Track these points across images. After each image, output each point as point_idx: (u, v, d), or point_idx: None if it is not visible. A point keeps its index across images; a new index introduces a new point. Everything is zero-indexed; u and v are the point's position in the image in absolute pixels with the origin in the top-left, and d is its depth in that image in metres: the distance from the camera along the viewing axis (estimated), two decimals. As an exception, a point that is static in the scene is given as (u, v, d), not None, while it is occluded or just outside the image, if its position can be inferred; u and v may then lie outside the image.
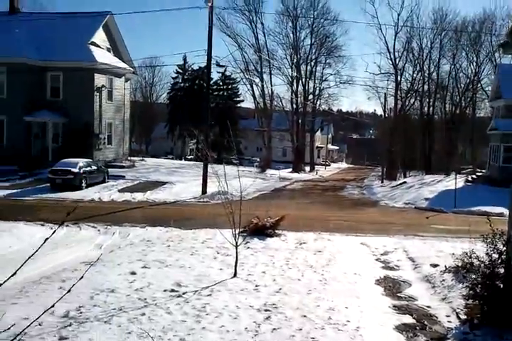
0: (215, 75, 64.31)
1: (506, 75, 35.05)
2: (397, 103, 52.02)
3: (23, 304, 7.92)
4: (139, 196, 24.91)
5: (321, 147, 73.36)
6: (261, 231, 14.10)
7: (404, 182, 39.03)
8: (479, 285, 8.34)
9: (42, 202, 22.32)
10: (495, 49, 48.59)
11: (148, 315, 7.47)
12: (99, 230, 15.99)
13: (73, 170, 25.33)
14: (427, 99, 52.24)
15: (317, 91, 56.45)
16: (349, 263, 11.66)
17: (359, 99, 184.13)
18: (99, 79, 31.87)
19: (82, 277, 3.44)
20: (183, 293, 8.68)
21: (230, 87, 61.62)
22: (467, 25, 49.40)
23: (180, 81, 63.09)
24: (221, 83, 61.84)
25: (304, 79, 54.69)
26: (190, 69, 62.22)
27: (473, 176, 36.67)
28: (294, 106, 55.91)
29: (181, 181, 30.44)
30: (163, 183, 29.44)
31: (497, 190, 31.15)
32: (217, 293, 8.66)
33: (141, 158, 39.40)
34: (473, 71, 51.37)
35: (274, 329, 7.04)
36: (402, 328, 7.94)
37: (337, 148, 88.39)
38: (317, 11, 53.30)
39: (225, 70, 58.78)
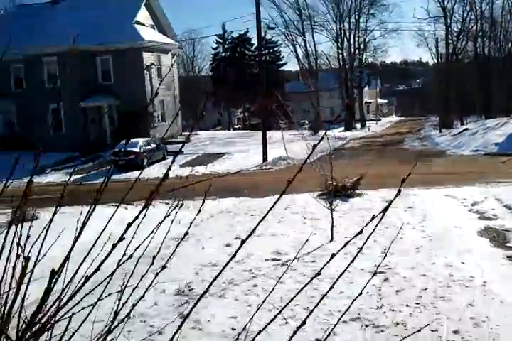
0: (255, 40, 63.22)
1: None
2: (448, 47, 49.57)
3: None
4: (201, 169, 24.90)
5: (370, 102, 71.48)
6: (341, 192, 13.70)
7: (466, 129, 37.54)
8: None
9: (109, 184, 22.61)
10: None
11: (261, 286, 7.30)
12: (172, 206, 16.02)
13: (134, 149, 25.51)
14: (481, 40, 49.53)
15: (362, 45, 54.60)
16: (444, 216, 11.17)
17: (407, 47, 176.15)
18: (148, 58, 31.83)
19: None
20: (287, 261, 8.47)
21: (271, 50, 60.41)
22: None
23: (221, 51, 62.29)
24: (262, 48, 60.50)
25: (348, 33, 52.91)
26: (230, 37, 61.25)
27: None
28: (341, 62, 54.31)
29: (239, 151, 30.29)
30: (222, 154, 29.38)
31: None
32: (321, 259, 8.40)
33: (194, 133, 39.33)
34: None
35: (397, 291, 6.72)
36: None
37: (386, 101, 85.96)
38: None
39: (266, 34, 57.47)
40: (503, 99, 48.89)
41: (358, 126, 56.78)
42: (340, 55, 53.71)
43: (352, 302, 1.77)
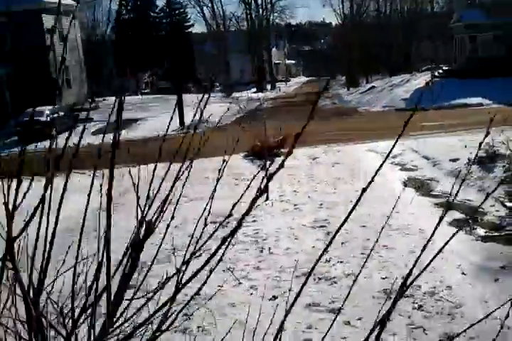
0: (160, 2, 61.02)
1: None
2: (352, 7, 50.51)
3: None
4: (115, 136, 24.03)
5: (279, 63, 71.71)
6: (268, 152, 13.72)
7: (373, 87, 38.84)
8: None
9: (16, 156, 21.30)
10: None
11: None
12: (90, 175, 15.39)
13: (41, 119, 24.12)
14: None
15: (270, 6, 54.22)
16: (369, 169, 11.51)
17: (313, 7, 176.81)
18: (48, 21, 29.60)
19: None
20: (227, 223, 8.38)
21: (177, 12, 58.56)
22: None
23: (124, 12, 59.51)
24: (167, 9, 58.46)
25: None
26: (132, -1, 58.56)
27: (440, 71, 36.64)
28: (249, 23, 53.74)
29: (153, 116, 29.51)
30: (136, 120, 28.50)
31: (467, 82, 31.35)
32: (260, 218, 8.40)
33: (102, 98, 37.66)
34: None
35: (342, 243, 6.85)
36: (456, 223, 7.91)
37: (294, 62, 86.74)
38: None
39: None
40: (405, 57, 50.89)
41: (269, 87, 56.99)
42: (249, 16, 53.07)
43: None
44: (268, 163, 13.11)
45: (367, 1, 52.72)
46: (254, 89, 51.66)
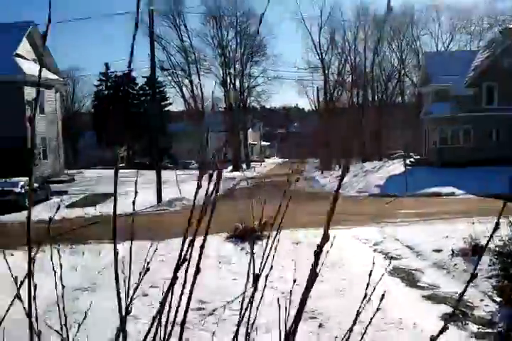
0: (140, 80, 62.84)
1: (432, 62, 36.49)
2: (326, 96, 52.97)
3: None
4: (90, 210, 23.63)
5: (254, 144, 73.43)
6: (249, 235, 13.65)
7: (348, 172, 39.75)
8: (511, 265, 8.37)
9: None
10: (416, 38, 50.88)
11: None
12: (64, 251, 14.92)
13: (15, 189, 23.71)
14: (355, 90, 53.60)
15: (247, 90, 56.41)
16: (355, 257, 11.48)
17: (288, 94, 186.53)
18: (29, 93, 30.00)
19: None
20: (213, 310, 8.12)
21: (157, 90, 60.24)
22: (389, 17, 51.16)
23: (104, 88, 60.95)
24: (147, 88, 60.26)
25: (233, 78, 54.46)
26: (113, 76, 60.24)
27: (412, 160, 37.96)
28: (227, 105, 55.55)
29: (130, 191, 29.21)
30: (111, 195, 28.18)
31: (438, 171, 32.50)
32: (248, 306, 8.16)
33: (78, 171, 37.59)
34: (398, 58, 53.34)
35: (336, 337, 6.65)
36: (446, 318, 7.82)
37: (268, 143, 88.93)
38: (241, 12, 53.28)
39: (151, 74, 57.30)
40: (376, 145, 52.79)
41: (244, 166, 57.84)
42: (227, 98, 54.96)
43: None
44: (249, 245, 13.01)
45: (340, 91, 55.52)
46: (230, 168, 52.32)
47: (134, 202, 1.49)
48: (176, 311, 1.37)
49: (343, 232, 14.49)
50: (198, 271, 1.41)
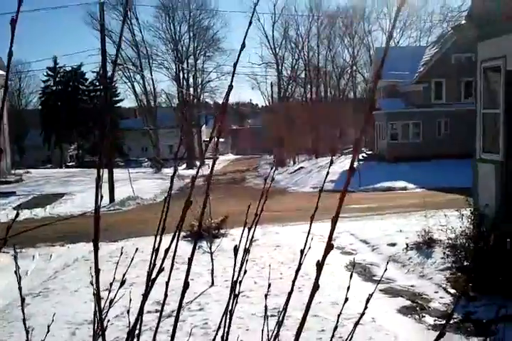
0: (89, 75, 61.38)
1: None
2: (280, 91, 53.15)
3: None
4: (40, 212, 22.89)
5: (208, 140, 72.92)
6: (207, 233, 13.50)
7: (302, 168, 40.07)
8: (464, 258, 8.56)
9: None
10: (367, 33, 51.81)
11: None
12: (12, 255, 14.40)
13: (-41, 191, 22.71)
14: (309, 85, 54.03)
15: (200, 85, 55.95)
16: (311, 253, 11.53)
17: (242, 90, 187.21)
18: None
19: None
20: (172, 312, 7.96)
21: (108, 86, 58.97)
22: (341, 12, 51.89)
23: (52, 84, 59.20)
24: (97, 83, 58.99)
25: (187, 74, 53.91)
26: (62, 71, 58.57)
27: (364, 155, 38.59)
28: (180, 100, 54.97)
29: (80, 191, 28.52)
30: (62, 195, 27.43)
31: (389, 166, 33.15)
32: (207, 307, 8.07)
33: (25, 171, 36.39)
34: (350, 54, 54.17)
35: (296, 334, 6.63)
36: (404, 311, 7.95)
37: (222, 140, 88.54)
38: (194, 5, 52.67)
39: (100, 69, 56.01)
40: (331, 139, 53.34)
41: (198, 163, 57.39)
42: (180, 94, 54.35)
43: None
44: (207, 244, 12.88)
45: (293, 86, 55.91)
46: (184, 166, 51.82)
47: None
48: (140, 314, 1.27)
49: (298, 228, 14.55)
50: (160, 271, 1.33)
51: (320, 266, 1.18)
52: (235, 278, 1.64)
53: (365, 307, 1.27)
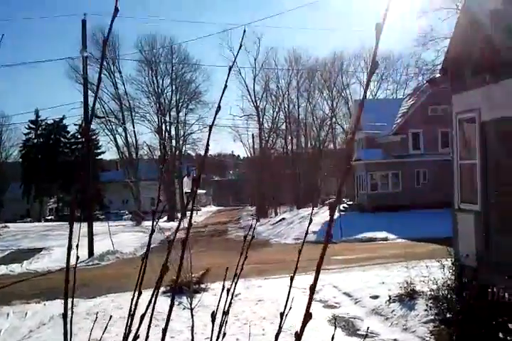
0: (71, 128, 61.61)
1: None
2: (261, 143, 53.80)
3: None
4: (16, 268, 22.27)
5: (189, 192, 72.79)
6: (188, 288, 13.20)
7: (283, 219, 39.97)
8: (446, 310, 8.45)
9: None
10: (345, 86, 53.34)
11: None
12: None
13: None
14: (290, 137, 54.86)
15: (182, 137, 56.44)
16: (294, 307, 11.30)
17: (224, 141, 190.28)
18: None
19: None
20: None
21: (90, 138, 59.23)
22: (319, 66, 53.48)
23: (34, 137, 59.22)
24: (79, 136, 59.11)
25: (169, 126, 54.45)
26: (44, 124, 58.78)
27: (345, 205, 38.74)
28: (162, 153, 55.18)
29: (59, 245, 27.91)
30: (39, 250, 26.83)
31: (370, 216, 33.27)
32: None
33: (3, 225, 35.67)
34: (329, 106, 55.45)
35: None
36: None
37: (204, 191, 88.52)
38: (176, 59, 53.91)
39: (82, 122, 56.29)
40: (311, 190, 53.62)
41: (179, 215, 56.96)
42: (162, 146, 54.66)
43: None
44: (187, 299, 12.58)
45: (274, 138, 56.64)
46: (166, 218, 51.37)
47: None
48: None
49: (281, 281, 14.31)
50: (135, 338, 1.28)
51: (299, 336, 1.15)
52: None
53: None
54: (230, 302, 1.39)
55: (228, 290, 1.43)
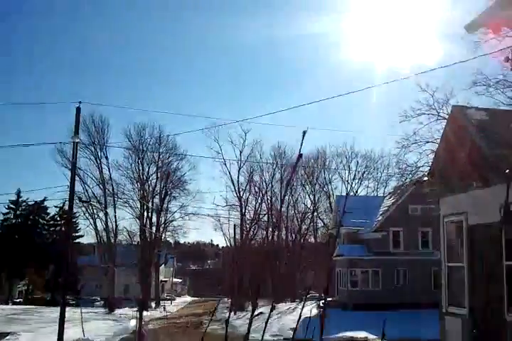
0: (52, 210, 61.06)
1: (343, 206, 38.63)
2: (242, 233, 53.61)
3: None
4: (-22, 354, 21.08)
5: (166, 280, 70.96)
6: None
7: (261, 313, 38.72)
8: None
9: None
10: (328, 181, 54.68)
11: None
12: None
13: None
14: (271, 228, 54.90)
15: (163, 224, 56.05)
16: None
17: (204, 230, 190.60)
18: None
19: None
20: None
21: (67, 221, 58.43)
22: (303, 161, 54.86)
23: (12, 217, 58.39)
24: (59, 218, 58.50)
25: (151, 213, 54.27)
26: (24, 204, 58.24)
27: (324, 302, 37.90)
28: (142, 239, 54.50)
29: (27, 330, 26.69)
30: (5, 334, 25.47)
31: (350, 314, 32.49)
32: None
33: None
34: (311, 200, 56.18)
35: None
36: None
37: (180, 280, 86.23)
38: (164, 148, 55.08)
39: (64, 204, 55.94)
40: (291, 284, 52.72)
41: (153, 304, 55.06)
42: (141, 233, 54.10)
43: None
44: None
45: (255, 229, 56.59)
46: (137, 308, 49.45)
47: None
48: None
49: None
50: None
51: None
52: None
53: None
54: None
55: None
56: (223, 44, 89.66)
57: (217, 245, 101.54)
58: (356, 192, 54.72)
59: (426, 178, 10.05)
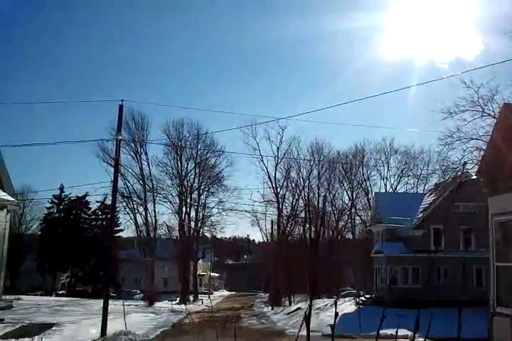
0: (93, 205, 62.50)
1: (383, 202, 38.33)
2: (279, 229, 53.74)
3: None
4: (27, 344, 21.78)
5: (203, 275, 71.85)
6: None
7: (299, 308, 38.87)
8: None
9: None
10: (366, 179, 54.27)
11: None
12: None
13: None
14: (308, 225, 54.82)
15: (201, 219, 56.72)
16: None
17: (241, 225, 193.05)
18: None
19: None
20: None
21: (109, 216, 59.75)
22: (341, 158, 54.61)
23: (55, 211, 60.06)
24: (100, 212, 59.88)
25: (189, 208, 54.99)
26: (67, 199, 59.82)
27: (363, 298, 37.73)
28: (181, 233, 55.30)
29: (71, 321, 27.41)
30: (51, 325, 26.23)
31: (390, 311, 32.13)
32: None
33: (16, 297, 35.29)
34: (349, 197, 55.84)
35: None
36: None
37: (218, 275, 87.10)
38: (202, 144, 55.73)
39: (105, 199, 57.30)
40: (328, 280, 52.59)
41: (191, 298, 55.84)
42: (180, 228, 54.88)
43: None
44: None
45: (292, 225, 56.62)
46: (178, 300, 50.33)
47: None
48: None
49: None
50: None
51: None
52: None
53: None
54: None
55: None
56: (258, 43, 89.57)
57: (253, 240, 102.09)
58: (395, 188, 54.10)
59: (474, 177, 9.94)
